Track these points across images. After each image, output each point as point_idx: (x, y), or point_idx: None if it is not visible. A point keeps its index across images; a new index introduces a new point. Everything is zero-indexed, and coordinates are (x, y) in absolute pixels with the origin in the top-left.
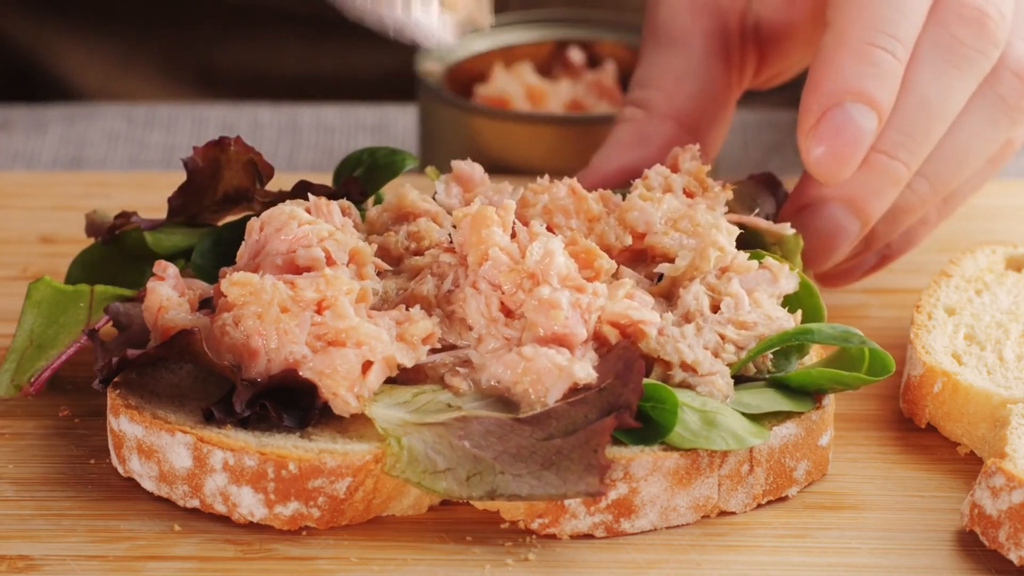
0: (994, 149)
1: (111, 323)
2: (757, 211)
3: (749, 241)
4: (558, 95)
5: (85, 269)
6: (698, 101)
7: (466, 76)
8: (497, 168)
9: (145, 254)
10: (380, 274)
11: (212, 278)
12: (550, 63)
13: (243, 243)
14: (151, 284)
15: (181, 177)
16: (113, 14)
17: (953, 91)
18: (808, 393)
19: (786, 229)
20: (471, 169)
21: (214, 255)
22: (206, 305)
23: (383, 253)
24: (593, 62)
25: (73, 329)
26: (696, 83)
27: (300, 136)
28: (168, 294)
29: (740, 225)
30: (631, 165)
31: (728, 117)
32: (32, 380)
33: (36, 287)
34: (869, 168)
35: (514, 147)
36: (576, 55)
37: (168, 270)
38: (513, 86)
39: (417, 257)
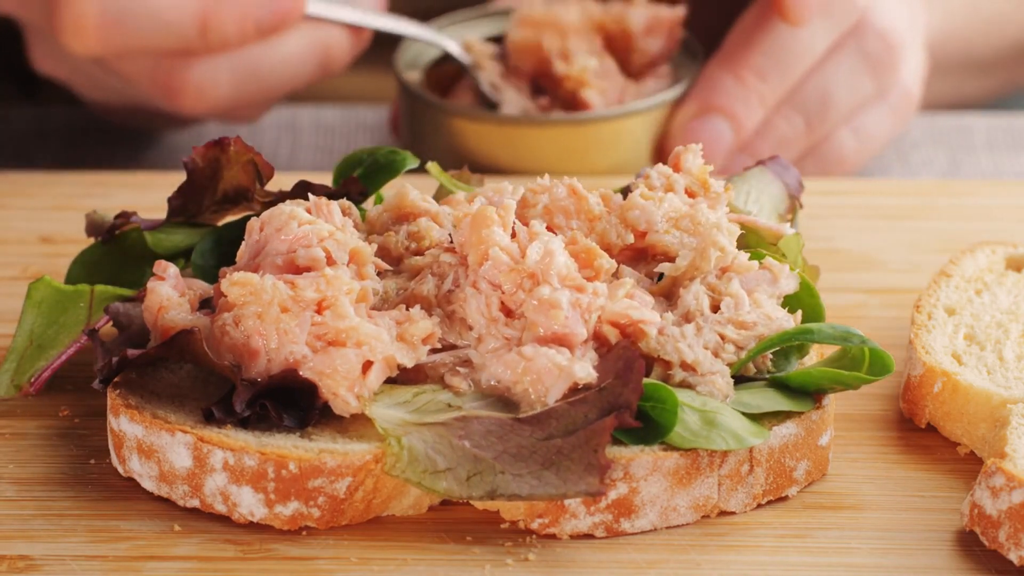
0: (857, 98)
1: (111, 323)
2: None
3: (750, 240)
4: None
5: (85, 269)
6: None
7: (445, 75)
8: (476, 169)
9: (145, 254)
10: (380, 274)
11: (212, 278)
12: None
13: (243, 243)
14: (151, 284)
15: (181, 177)
16: None
17: (815, 35)
18: (808, 393)
19: (786, 229)
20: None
21: (214, 255)
22: (206, 305)
23: (383, 253)
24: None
25: (73, 329)
26: None
27: (300, 136)
28: (168, 294)
29: (740, 224)
30: None
31: None
32: (32, 380)
33: (36, 287)
34: (742, 84)
35: (491, 147)
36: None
37: (168, 270)
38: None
39: (417, 257)
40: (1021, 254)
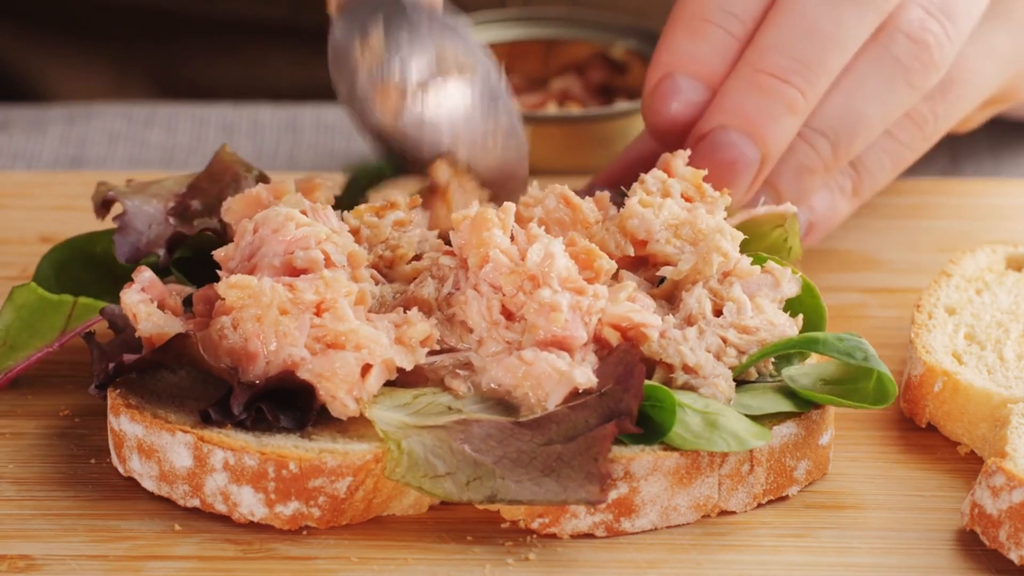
0: (893, 113)
1: (104, 325)
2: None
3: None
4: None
5: (53, 268)
6: None
7: None
8: None
9: (113, 260)
10: (374, 277)
11: (194, 278)
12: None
13: (231, 244)
14: (121, 293)
15: (182, 176)
16: (103, 34)
17: (845, 21)
18: None
19: (788, 207)
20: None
21: (191, 259)
22: (188, 304)
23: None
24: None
25: (47, 335)
26: None
27: (300, 136)
28: (136, 301)
29: (739, 225)
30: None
31: None
32: None
33: (20, 291)
34: (761, 92)
35: None
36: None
37: (143, 275)
38: None
39: (414, 262)
40: (1021, 254)
